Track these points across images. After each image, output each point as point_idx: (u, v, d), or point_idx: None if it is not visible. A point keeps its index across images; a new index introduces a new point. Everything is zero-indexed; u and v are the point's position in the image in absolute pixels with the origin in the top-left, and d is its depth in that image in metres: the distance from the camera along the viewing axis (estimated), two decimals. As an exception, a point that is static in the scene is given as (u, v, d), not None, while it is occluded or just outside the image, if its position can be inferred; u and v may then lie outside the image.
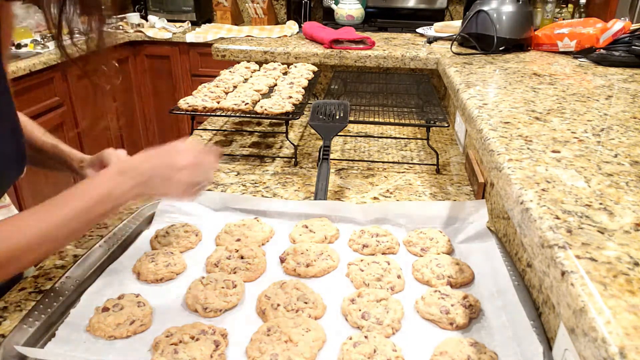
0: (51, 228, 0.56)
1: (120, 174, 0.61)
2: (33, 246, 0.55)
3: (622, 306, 0.34)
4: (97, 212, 0.59)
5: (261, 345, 0.56)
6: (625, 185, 0.51)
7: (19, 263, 0.55)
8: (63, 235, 0.57)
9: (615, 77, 1.03)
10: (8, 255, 0.53)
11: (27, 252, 0.54)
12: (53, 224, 0.56)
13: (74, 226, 0.57)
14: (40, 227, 0.55)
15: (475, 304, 0.64)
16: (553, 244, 0.42)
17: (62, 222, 0.56)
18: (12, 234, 0.54)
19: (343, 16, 2.15)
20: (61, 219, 0.56)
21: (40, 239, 0.55)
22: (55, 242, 0.58)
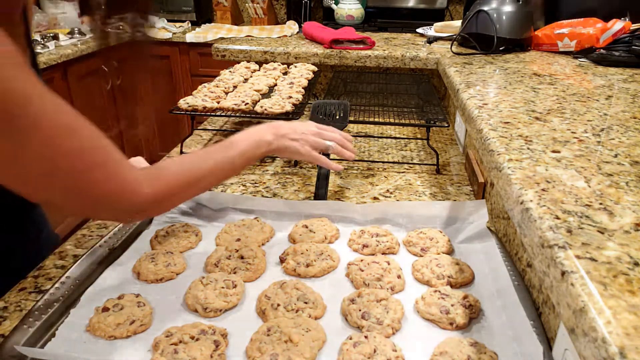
0: (219, 163, 0.67)
1: (264, 129, 0.78)
2: (204, 177, 0.64)
3: (622, 306, 0.34)
4: (252, 155, 0.72)
5: (261, 345, 0.56)
6: (625, 185, 0.51)
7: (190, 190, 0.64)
8: (225, 172, 0.68)
9: (615, 77, 1.03)
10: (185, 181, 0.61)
11: (198, 181, 0.63)
12: (220, 160, 0.67)
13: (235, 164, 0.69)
14: (213, 161, 0.66)
15: (475, 304, 0.64)
16: (553, 244, 0.42)
17: (226, 159, 0.68)
18: (192, 165, 0.63)
19: (343, 16, 2.15)
20: (227, 155, 0.68)
21: (210, 171, 0.65)
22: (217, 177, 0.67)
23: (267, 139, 0.76)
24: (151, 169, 0.60)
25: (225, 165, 0.68)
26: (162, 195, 0.58)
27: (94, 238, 0.80)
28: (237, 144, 0.71)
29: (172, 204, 0.64)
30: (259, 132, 0.76)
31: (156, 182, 0.57)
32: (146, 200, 0.55)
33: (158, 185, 0.57)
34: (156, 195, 0.56)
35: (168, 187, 0.58)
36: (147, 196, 0.55)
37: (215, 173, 0.66)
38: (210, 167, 0.65)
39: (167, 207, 0.65)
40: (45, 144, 0.46)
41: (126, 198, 0.53)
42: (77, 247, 0.78)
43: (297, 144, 0.80)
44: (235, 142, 0.71)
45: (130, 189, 0.53)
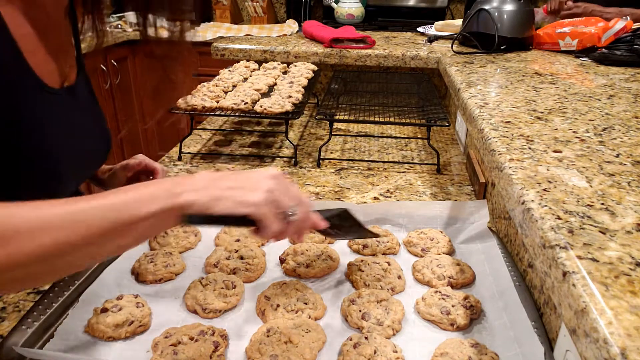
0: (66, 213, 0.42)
1: (188, 176, 0.50)
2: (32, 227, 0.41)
3: (623, 307, 0.34)
4: (129, 211, 0.44)
5: (261, 346, 0.56)
6: (627, 185, 0.51)
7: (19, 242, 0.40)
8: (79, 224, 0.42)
9: (617, 77, 1.03)
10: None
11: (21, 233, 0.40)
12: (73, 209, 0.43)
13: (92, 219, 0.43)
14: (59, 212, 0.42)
15: (476, 305, 0.64)
16: (554, 245, 0.41)
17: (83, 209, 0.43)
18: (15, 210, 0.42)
19: (343, 15, 2.15)
20: (83, 206, 0.43)
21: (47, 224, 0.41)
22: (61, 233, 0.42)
23: (175, 190, 0.47)
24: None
25: (69, 222, 0.42)
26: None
27: (93, 238, 0.80)
28: (115, 194, 0.46)
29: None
30: (164, 181, 0.48)
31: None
32: None
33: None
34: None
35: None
36: None
37: (48, 232, 0.41)
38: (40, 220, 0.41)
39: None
40: None
41: None
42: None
43: (239, 193, 0.49)
44: (114, 192, 0.46)
45: None
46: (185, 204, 0.46)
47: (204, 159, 1.15)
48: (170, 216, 0.46)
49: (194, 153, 1.18)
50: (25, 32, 0.60)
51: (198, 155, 1.16)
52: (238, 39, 1.78)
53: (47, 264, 0.42)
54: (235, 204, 0.48)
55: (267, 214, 0.49)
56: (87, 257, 0.45)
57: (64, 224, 0.42)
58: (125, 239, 0.45)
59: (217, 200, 0.48)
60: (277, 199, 0.50)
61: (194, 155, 1.17)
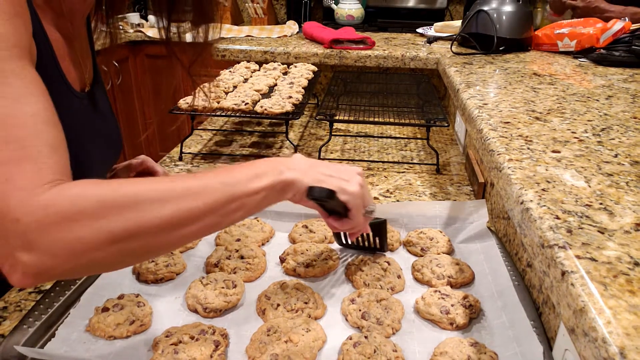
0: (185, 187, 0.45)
1: (290, 159, 0.54)
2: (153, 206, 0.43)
3: (622, 306, 0.34)
4: (242, 186, 0.48)
5: (261, 345, 0.56)
6: (626, 185, 0.51)
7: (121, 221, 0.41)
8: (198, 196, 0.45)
9: (615, 77, 1.03)
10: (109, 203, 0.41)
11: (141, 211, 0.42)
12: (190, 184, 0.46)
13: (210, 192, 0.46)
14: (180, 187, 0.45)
15: (476, 304, 0.64)
16: (553, 244, 0.41)
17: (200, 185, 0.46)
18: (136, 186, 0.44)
19: (343, 16, 2.15)
20: (200, 181, 0.46)
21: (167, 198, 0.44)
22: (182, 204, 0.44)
23: (281, 167, 0.52)
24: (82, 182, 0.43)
25: (188, 194, 0.45)
26: (64, 210, 0.40)
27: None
28: (226, 171, 0.50)
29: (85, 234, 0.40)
30: (270, 161, 0.53)
31: (67, 192, 0.41)
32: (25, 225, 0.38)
33: (67, 195, 0.41)
34: (52, 207, 0.39)
35: (79, 199, 0.41)
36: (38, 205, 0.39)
37: (170, 203, 0.44)
38: (163, 191, 0.44)
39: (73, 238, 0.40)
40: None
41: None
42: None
43: (337, 180, 0.55)
44: (225, 169, 0.50)
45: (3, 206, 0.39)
46: (291, 181, 0.51)
47: (205, 159, 1.15)
48: (277, 191, 0.51)
49: (194, 153, 1.18)
50: (56, 38, 0.61)
51: (199, 156, 1.16)
52: (238, 40, 1.78)
53: (162, 235, 0.44)
54: (337, 188, 0.54)
55: (358, 206, 0.56)
56: (201, 230, 0.47)
57: (183, 197, 0.44)
58: (237, 212, 0.49)
59: (319, 183, 0.53)
60: (365, 194, 0.57)
61: (195, 155, 1.17)
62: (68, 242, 0.40)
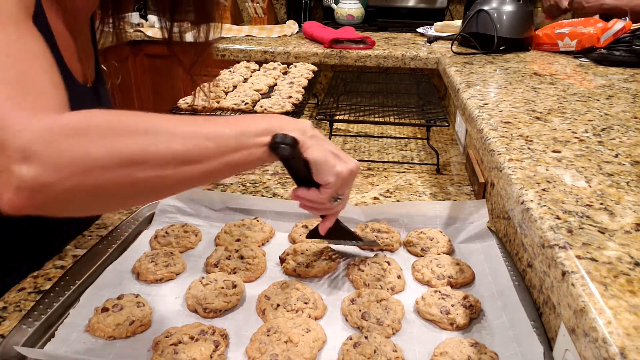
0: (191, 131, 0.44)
1: (294, 119, 0.54)
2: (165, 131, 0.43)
3: (622, 306, 0.34)
4: (255, 139, 0.48)
5: (261, 345, 0.56)
6: (626, 185, 0.51)
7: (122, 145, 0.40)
8: (208, 138, 0.45)
9: (615, 77, 1.03)
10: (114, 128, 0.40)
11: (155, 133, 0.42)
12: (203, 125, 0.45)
13: (225, 139, 0.46)
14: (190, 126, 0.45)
15: (476, 304, 0.64)
16: (554, 244, 0.41)
17: (214, 128, 0.46)
18: (149, 115, 0.44)
19: (343, 16, 2.15)
20: (214, 125, 0.46)
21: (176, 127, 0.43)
22: (191, 143, 0.44)
23: (290, 129, 0.51)
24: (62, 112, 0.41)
25: (198, 135, 0.44)
26: (74, 125, 0.38)
27: (93, 238, 0.80)
28: (236, 119, 0.51)
29: (92, 151, 0.38)
30: (281, 119, 0.52)
31: (77, 113, 0.40)
32: (28, 135, 0.36)
33: (77, 114, 0.39)
34: (62, 121, 0.38)
35: (90, 118, 0.39)
36: (47, 118, 0.38)
37: (178, 139, 0.43)
38: (172, 126, 0.43)
39: (80, 153, 0.37)
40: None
41: None
42: (76, 247, 0.77)
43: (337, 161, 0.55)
44: (236, 117, 0.51)
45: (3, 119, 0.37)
46: (299, 140, 0.51)
47: (204, 159, 1.15)
48: (283, 146, 0.50)
49: (194, 153, 1.18)
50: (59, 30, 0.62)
51: (198, 156, 1.16)
52: (238, 39, 1.78)
53: (169, 169, 0.43)
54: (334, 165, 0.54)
55: (335, 186, 0.55)
56: (205, 174, 0.46)
57: (196, 136, 0.44)
58: (242, 162, 0.48)
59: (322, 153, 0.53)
60: (347, 183, 0.57)
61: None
62: (74, 155, 0.37)
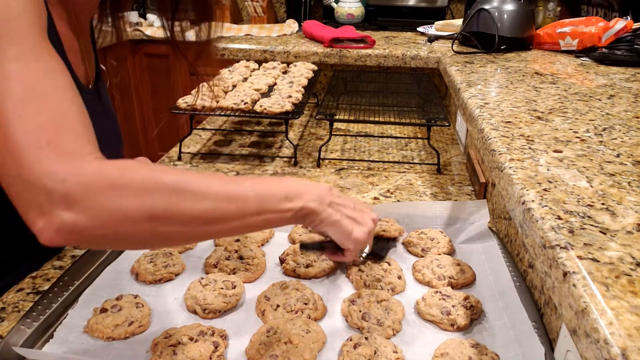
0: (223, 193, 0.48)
1: (326, 187, 0.57)
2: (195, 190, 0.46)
3: (624, 307, 0.34)
4: (279, 201, 0.51)
5: (260, 346, 0.56)
6: (628, 185, 0.51)
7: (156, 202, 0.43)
8: (233, 200, 0.48)
9: (617, 77, 1.03)
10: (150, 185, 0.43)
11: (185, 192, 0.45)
12: (225, 190, 0.48)
13: (246, 203, 0.49)
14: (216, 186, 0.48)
15: (477, 305, 0.63)
16: (555, 245, 0.41)
17: (238, 191, 0.49)
18: (181, 172, 0.48)
19: (343, 15, 2.15)
20: (238, 187, 0.49)
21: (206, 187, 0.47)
22: (218, 203, 0.47)
23: (315, 195, 0.55)
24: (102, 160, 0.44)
25: (225, 197, 0.48)
26: (112, 179, 0.42)
27: (92, 238, 0.80)
28: (263, 182, 0.54)
29: (126, 206, 0.42)
30: (308, 185, 0.56)
31: (114, 163, 0.43)
32: (71, 185, 0.40)
33: (115, 165, 0.43)
34: (102, 174, 0.41)
35: (127, 172, 0.43)
36: (88, 171, 0.41)
37: (207, 199, 0.46)
38: (202, 186, 0.47)
39: (115, 206, 0.41)
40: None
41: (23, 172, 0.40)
42: (75, 247, 0.77)
43: (354, 225, 0.58)
44: (263, 180, 0.54)
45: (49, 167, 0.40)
46: (313, 210, 0.54)
47: (204, 159, 1.14)
48: (299, 216, 0.54)
49: (193, 153, 1.18)
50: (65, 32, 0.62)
51: (198, 155, 1.16)
52: (238, 38, 1.78)
53: (192, 226, 0.46)
54: (350, 232, 0.57)
55: (355, 250, 0.59)
56: (223, 231, 0.51)
57: (221, 198, 0.47)
58: (261, 224, 0.52)
59: (336, 223, 0.56)
60: (367, 242, 0.60)
61: (194, 155, 1.17)
62: (111, 208, 0.41)
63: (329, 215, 0.56)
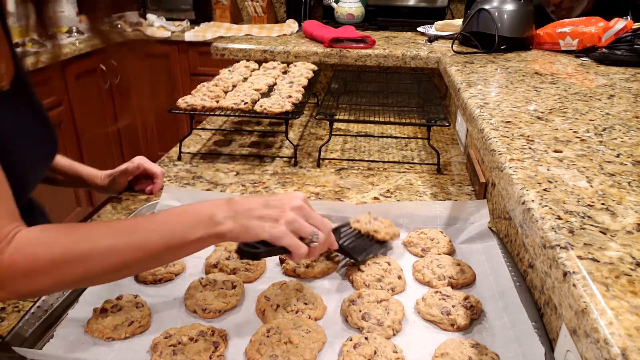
0: (130, 239, 0.52)
1: (220, 204, 0.56)
2: (101, 255, 0.51)
3: (624, 307, 0.34)
4: (189, 237, 0.53)
5: (260, 346, 0.56)
6: (628, 185, 0.51)
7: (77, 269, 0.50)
8: (140, 252, 0.52)
9: (617, 77, 1.03)
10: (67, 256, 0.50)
11: (91, 260, 0.50)
12: (133, 235, 0.52)
13: (157, 243, 0.52)
14: (122, 235, 0.52)
15: (477, 305, 0.63)
16: (555, 245, 0.41)
17: (145, 236, 0.52)
18: (86, 236, 0.52)
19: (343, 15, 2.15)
20: (146, 231, 0.53)
21: (114, 248, 0.51)
22: (127, 259, 0.52)
23: (215, 218, 0.54)
24: (35, 233, 0.50)
25: (136, 243, 0.52)
26: (23, 269, 0.48)
27: (92, 238, 0.80)
28: (164, 216, 0.55)
29: (44, 287, 0.51)
30: (205, 207, 0.56)
31: (23, 251, 0.48)
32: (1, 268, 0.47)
33: (24, 254, 0.48)
34: (13, 267, 0.48)
35: (35, 260, 0.49)
36: (2, 264, 0.47)
37: (121, 252, 0.51)
38: (112, 244, 0.51)
39: (32, 287, 0.50)
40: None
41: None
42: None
43: (266, 224, 0.55)
44: (164, 217, 0.55)
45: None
46: (222, 233, 0.54)
47: (204, 159, 1.14)
48: (212, 239, 0.55)
49: (193, 153, 1.18)
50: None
51: (198, 155, 1.16)
52: (238, 38, 1.78)
53: (106, 277, 0.55)
54: (263, 234, 0.55)
55: (290, 243, 0.56)
56: (141, 270, 0.61)
57: (126, 249, 0.52)
58: (177, 255, 0.58)
59: (247, 231, 0.55)
60: (298, 228, 0.57)
61: (194, 155, 1.17)
62: (28, 290, 0.51)
63: (240, 226, 0.55)
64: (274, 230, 0.55)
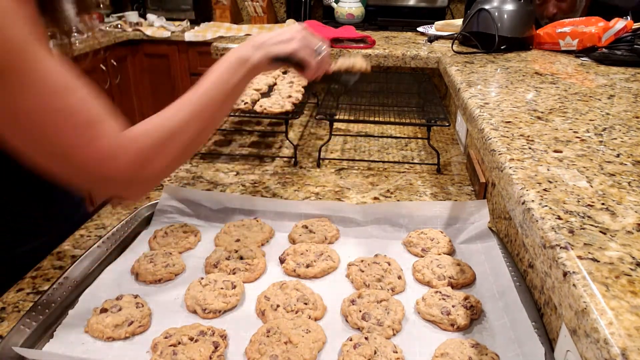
0: (197, 103, 0.61)
1: (242, 45, 0.67)
2: (186, 125, 0.59)
3: (624, 307, 0.34)
4: (233, 79, 0.64)
5: (260, 346, 0.56)
6: (628, 185, 0.51)
7: (175, 143, 0.58)
8: (209, 108, 0.62)
9: (617, 77, 1.03)
10: (165, 135, 0.57)
11: (181, 132, 0.59)
12: (197, 99, 0.61)
13: (215, 96, 0.62)
14: (190, 104, 0.61)
15: (477, 305, 0.63)
16: (555, 245, 0.41)
17: (205, 95, 0.62)
18: (168, 116, 0.59)
19: (343, 15, 2.15)
20: (203, 91, 0.62)
21: (191, 115, 0.60)
22: (203, 118, 0.61)
23: (243, 55, 0.65)
24: (126, 134, 0.55)
25: (202, 104, 0.61)
26: (139, 162, 0.55)
27: (92, 238, 0.80)
28: (208, 75, 0.64)
29: (159, 169, 0.58)
30: (233, 52, 0.67)
31: (130, 149, 0.54)
32: (121, 171, 0.53)
33: (132, 151, 0.54)
34: (131, 164, 0.54)
35: (143, 151, 0.55)
36: (121, 167, 0.53)
37: (197, 116, 0.60)
38: (188, 113, 0.60)
39: (153, 174, 0.58)
40: (36, 99, 0.48)
41: (103, 167, 0.52)
42: (75, 247, 0.77)
43: (289, 46, 0.68)
44: (207, 74, 0.65)
45: (106, 156, 0.52)
46: (255, 63, 0.66)
47: (204, 158, 1.14)
48: (251, 72, 0.66)
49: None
50: None
51: (198, 155, 1.16)
52: (238, 38, 1.78)
53: (196, 140, 0.63)
54: (287, 49, 0.68)
55: (304, 56, 0.70)
56: (218, 121, 0.67)
57: (198, 113, 0.61)
58: (234, 98, 0.67)
59: (272, 53, 0.67)
60: (309, 41, 0.71)
61: (194, 155, 1.16)
62: (156, 172, 0.58)
63: (260, 56, 0.66)
64: (291, 46, 0.68)
